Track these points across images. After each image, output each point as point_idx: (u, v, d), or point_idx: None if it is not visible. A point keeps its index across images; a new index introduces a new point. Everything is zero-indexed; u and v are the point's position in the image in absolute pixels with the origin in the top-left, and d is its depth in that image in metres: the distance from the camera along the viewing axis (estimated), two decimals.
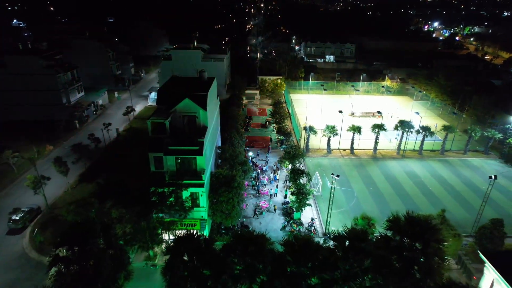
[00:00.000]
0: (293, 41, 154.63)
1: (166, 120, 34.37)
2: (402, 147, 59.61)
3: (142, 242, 28.67)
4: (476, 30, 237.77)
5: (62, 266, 23.29)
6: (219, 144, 49.53)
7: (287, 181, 47.42)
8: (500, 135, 59.20)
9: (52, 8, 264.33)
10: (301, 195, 39.13)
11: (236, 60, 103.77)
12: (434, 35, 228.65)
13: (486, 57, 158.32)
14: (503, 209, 45.52)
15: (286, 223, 40.84)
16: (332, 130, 57.30)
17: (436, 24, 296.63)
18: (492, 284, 26.62)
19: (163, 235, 33.88)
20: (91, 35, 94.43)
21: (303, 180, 42.74)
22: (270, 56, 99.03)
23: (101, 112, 77.46)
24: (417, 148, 60.50)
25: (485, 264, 26.90)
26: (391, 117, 75.41)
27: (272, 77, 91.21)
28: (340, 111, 61.92)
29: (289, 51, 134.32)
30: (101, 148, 57.97)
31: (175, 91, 37.84)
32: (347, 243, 25.40)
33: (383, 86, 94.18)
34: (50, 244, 34.24)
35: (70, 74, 72.10)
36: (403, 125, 58.03)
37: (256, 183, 48.29)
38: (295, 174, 41.01)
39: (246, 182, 49.08)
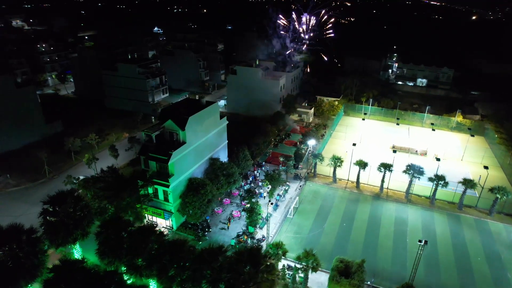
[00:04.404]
0: (394, 59, 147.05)
1: (153, 133, 46.72)
2: (410, 192, 57.40)
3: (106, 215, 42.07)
4: None
5: (47, 216, 38.20)
6: (219, 156, 58.31)
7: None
8: None
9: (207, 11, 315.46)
10: (251, 213, 46.01)
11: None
12: None
13: None
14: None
15: (241, 232, 48.26)
16: (336, 161, 59.73)
17: None
18: None
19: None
20: (190, 45, 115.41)
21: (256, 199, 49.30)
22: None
23: None
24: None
25: None
26: (438, 159, 69.09)
27: (330, 98, 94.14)
28: (354, 144, 63.06)
29: (380, 70, 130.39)
30: None
31: (171, 111, 49.66)
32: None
33: (432, 124, 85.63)
34: None
35: (158, 79, 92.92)
36: (412, 169, 55.81)
37: (241, 194, 56.39)
38: (248, 194, 47.83)
39: (236, 192, 57.75)
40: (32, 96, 76.03)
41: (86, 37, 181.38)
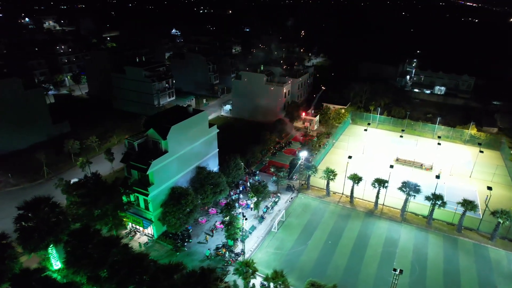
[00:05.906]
0: (413, 64, 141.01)
1: (135, 142, 46.66)
2: (406, 210, 54.23)
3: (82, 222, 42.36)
4: None
5: (22, 222, 38.87)
6: (209, 165, 57.34)
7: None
8: None
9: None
10: (229, 226, 44.93)
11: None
12: None
13: None
14: None
15: (220, 245, 47.27)
16: (328, 174, 57.47)
17: None
18: None
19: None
20: (201, 48, 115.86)
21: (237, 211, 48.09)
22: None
23: None
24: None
25: None
26: (438, 176, 63.73)
27: (337, 106, 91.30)
28: (350, 157, 60.44)
29: (396, 76, 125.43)
30: None
31: (156, 120, 49.44)
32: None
33: (439, 137, 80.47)
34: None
35: (165, 83, 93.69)
36: (407, 186, 52.66)
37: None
38: (227, 207, 46.70)
39: (224, 202, 56.70)
40: (39, 98, 78.54)
41: (108, 38, 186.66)
